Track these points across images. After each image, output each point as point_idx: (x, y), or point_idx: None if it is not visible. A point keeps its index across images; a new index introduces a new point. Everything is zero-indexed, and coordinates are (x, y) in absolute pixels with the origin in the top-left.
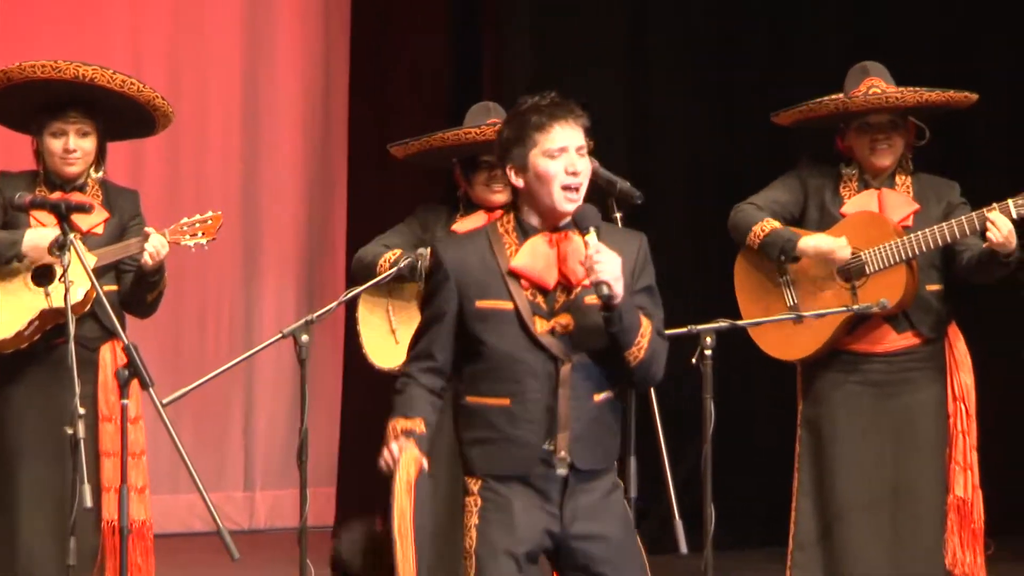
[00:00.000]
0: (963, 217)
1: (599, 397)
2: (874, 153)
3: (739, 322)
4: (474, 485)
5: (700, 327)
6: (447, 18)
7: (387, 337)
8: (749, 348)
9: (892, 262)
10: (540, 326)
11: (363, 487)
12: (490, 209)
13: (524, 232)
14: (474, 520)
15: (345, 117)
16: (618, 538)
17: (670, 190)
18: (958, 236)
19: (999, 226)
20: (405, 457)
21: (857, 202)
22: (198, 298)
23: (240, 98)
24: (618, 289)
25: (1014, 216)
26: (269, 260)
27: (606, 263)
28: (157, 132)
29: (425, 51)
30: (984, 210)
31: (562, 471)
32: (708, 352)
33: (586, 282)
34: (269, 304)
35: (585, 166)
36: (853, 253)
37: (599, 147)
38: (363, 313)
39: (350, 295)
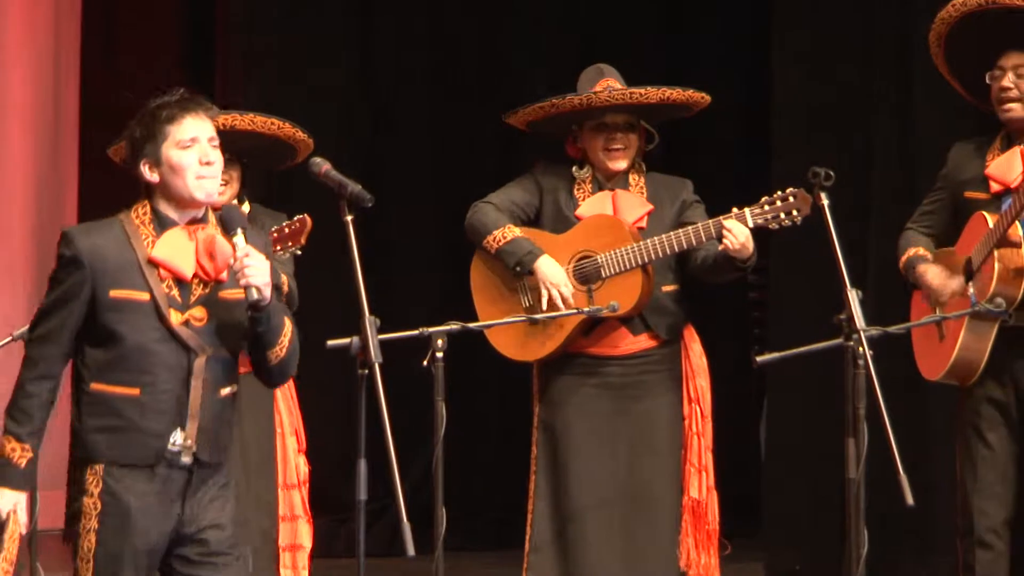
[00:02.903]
0: (700, 224)
1: (225, 391)
2: (609, 154)
3: (471, 324)
4: (93, 485)
5: (431, 330)
6: (178, 22)
7: None
8: (483, 350)
9: (628, 266)
10: (175, 318)
11: None
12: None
13: (161, 224)
14: (93, 524)
15: (76, 118)
16: (231, 528)
17: (404, 191)
18: (694, 243)
19: (736, 234)
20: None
21: (592, 204)
22: None
23: None
24: (267, 293)
25: (750, 224)
26: None
27: (256, 267)
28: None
29: (156, 54)
30: (721, 218)
31: (187, 460)
32: (439, 355)
33: (228, 279)
34: None
35: (217, 157)
36: (589, 257)
37: (332, 147)
38: None
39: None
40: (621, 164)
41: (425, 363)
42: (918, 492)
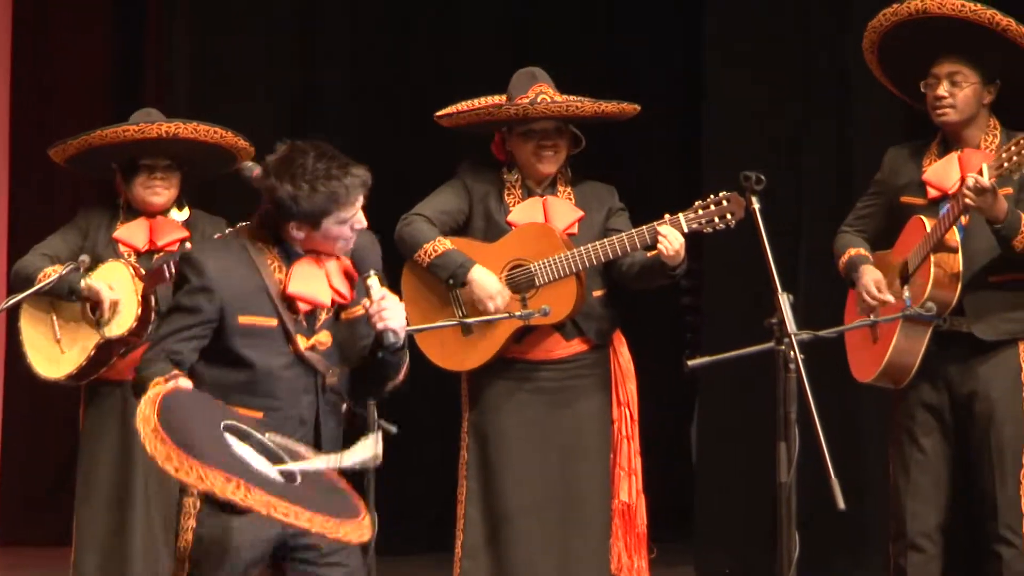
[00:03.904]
0: (634, 231)
1: (343, 408)
2: (539, 159)
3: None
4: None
5: None
6: (110, 23)
7: (52, 347)
8: (416, 353)
9: (561, 275)
10: (302, 343)
11: (26, 492)
12: (150, 214)
13: (288, 255)
14: (191, 523)
15: (6, 122)
16: None
17: None
18: (628, 249)
19: (670, 240)
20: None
21: (523, 210)
22: None
23: None
24: (402, 335)
25: (685, 230)
26: None
27: (392, 310)
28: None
29: (87, 56)
30: (656, 224)
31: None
32: None
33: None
34: None
35: (364, 221)
36: (522, 265)
37: (264, 153)
38: (26, 323)
39: (7, 305)
40: (551, 167)
41: None
42: (849, 495)
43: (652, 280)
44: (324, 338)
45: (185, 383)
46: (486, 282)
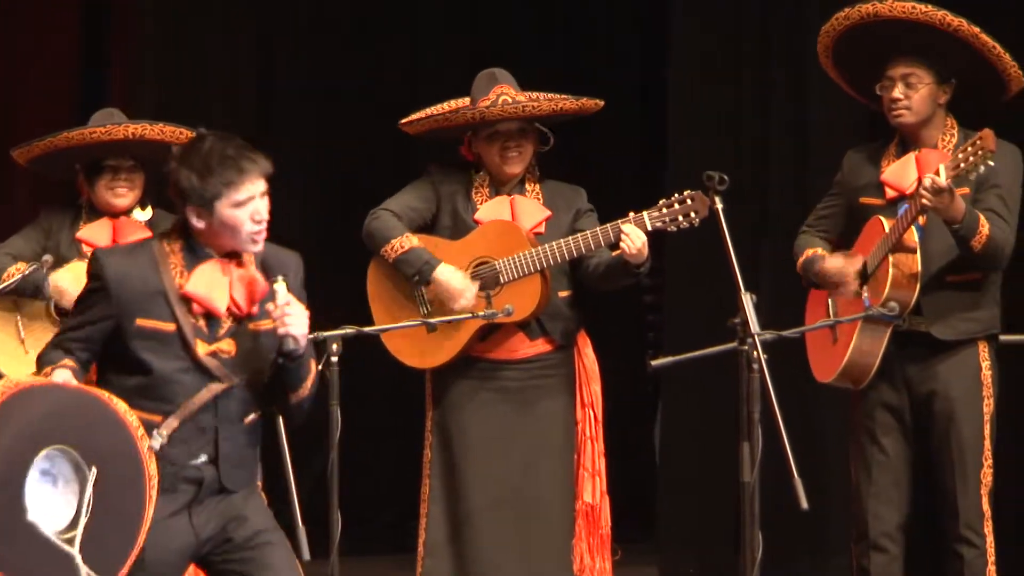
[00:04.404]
0: (598, 229)
1: (248, 419)
2: (505, 160)
3: (366, 328)
4: None
5: (326, 333)
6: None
7: (16, 346)
8: (379, 353)
9: (526, 272)
10: (201, 348)
11: None
12: (114, 214)
13: (195, 256)
14: None
15: None
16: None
17: (299, 194)
18: (592, 247)
19: (633, 239)
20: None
21: (490, 208)
22: None
23: None
24: (303, 343)
25: (649, 228)
26: None
27: (295, 317)
28: None
29: (51, 56)
30: (619, 222)
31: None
32: (334, 359)
33: (258, 311)
34: None
35: (266, 214)
36: (487, 263)
37: None
38: None
39: None
40: (516, 168)
41: (320, 367)
42: (812, 496)
43: (617, 279)
44: (227, 346)
45: (64, 374)
46: (451, 280)
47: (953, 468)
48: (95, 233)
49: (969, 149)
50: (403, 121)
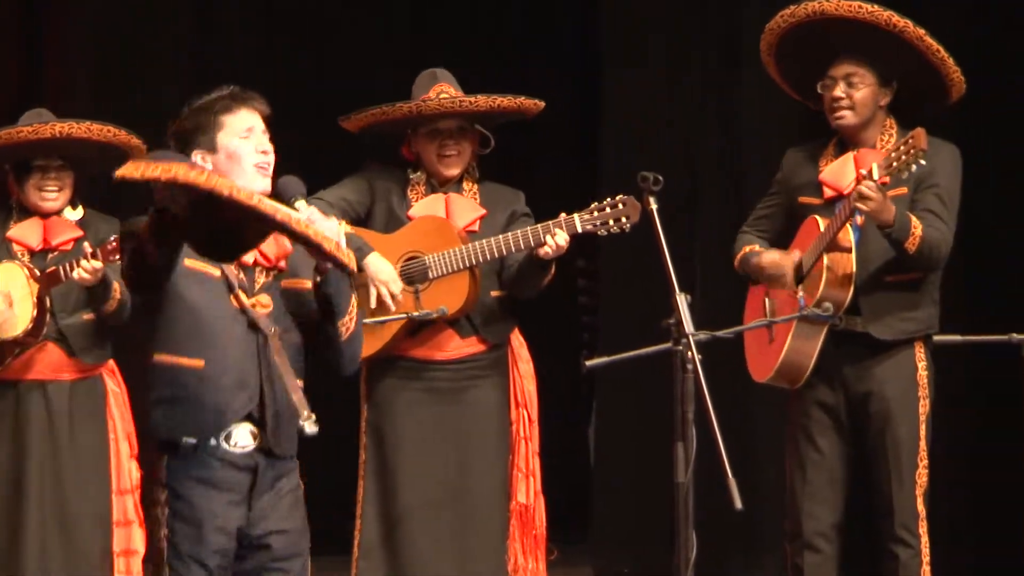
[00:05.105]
0: (528, 229)
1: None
2: (442, 159)
3: None
4: (160, 492)
5: None
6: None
7: None
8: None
9: (454, 268)
10: (244, 298)
11: None
12: (44, 214)
13: None
14: (163, 531)
15: None
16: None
17: None
18: (523, 247)
19: (557, 239)
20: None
21: (425, 205)
22: None
23: None
24: (340, 255)
25: (579, 230)
26: None
27: (321, 224)
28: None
29: None
30: (551, 223)
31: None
32: None
33: (288, 268)
34: None
35: (270, 146)
36: (417, 257)
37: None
38: None
39: None
40: (454, 170)
41: None
42: (746, 495)
43: (531, 278)
44: (264, 300)
45: None
46: (380, 268)
47: (888, 468)
48: (25, 232)
49: (902, 148)
50: (342, 117)
